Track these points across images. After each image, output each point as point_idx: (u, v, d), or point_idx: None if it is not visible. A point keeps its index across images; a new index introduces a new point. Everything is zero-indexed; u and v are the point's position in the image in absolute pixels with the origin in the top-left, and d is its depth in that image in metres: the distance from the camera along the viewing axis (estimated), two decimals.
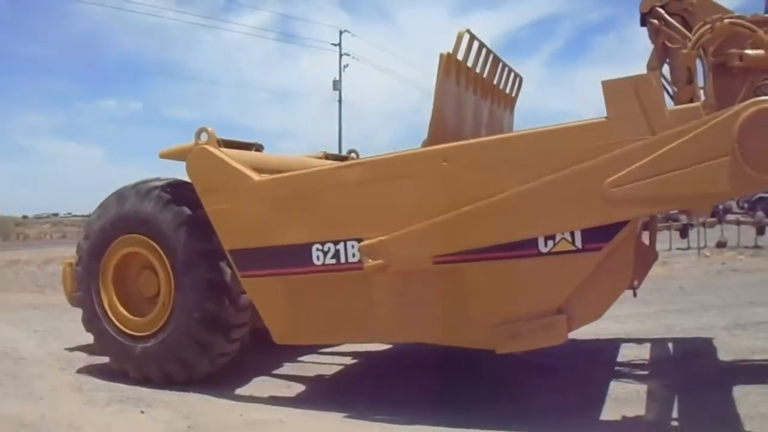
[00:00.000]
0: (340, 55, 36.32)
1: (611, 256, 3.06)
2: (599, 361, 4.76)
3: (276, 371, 4.67)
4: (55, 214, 65.98)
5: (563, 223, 3.07)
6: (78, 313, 4.34)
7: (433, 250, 3.28)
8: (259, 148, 4.40)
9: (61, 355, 5.30)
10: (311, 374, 4.62)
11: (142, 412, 3.71)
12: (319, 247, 3.52)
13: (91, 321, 4.40)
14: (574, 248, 3.06)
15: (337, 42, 36.24)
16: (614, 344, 5.15)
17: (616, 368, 4.49)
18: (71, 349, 5.52)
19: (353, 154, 5.65)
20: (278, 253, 3.63)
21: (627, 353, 4.89)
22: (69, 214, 66.41)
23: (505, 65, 4.57)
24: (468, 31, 3.73)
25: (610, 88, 3.00)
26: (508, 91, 4.84)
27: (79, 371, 4.71)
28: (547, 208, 3.06)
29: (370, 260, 3.35)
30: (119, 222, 4.26)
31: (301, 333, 3.72)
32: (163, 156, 4.23)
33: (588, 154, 2.99)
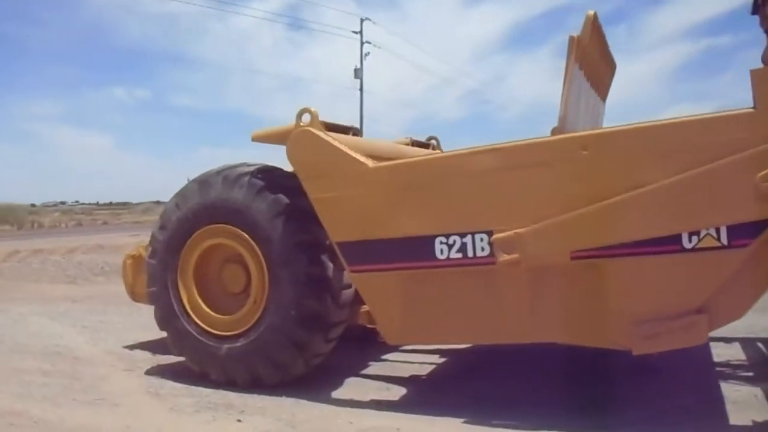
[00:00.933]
0: (362, 43, 34.64)
1: (757, 253, 2.87)
2: (697, 361, 4.46)
3: (366, 371, 4.34)
4: (63, 203, 65.51)
5: (709, 218, 2.88)
6: (125, 307, 4.05)
7: (572, 245, 3.05)
8: (356, 132, 4.02)
9: (121, 354, 4.95)
10: (405, 374, 4.28)
11: (239, 420, 3.35)
12: (443, 240, 3.22)
13: (167, 319, 4.03)
14: (719, 245, 2.88)
15: (358, 30, 35.33)
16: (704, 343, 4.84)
17: (718, 369, 4.24)
18: (130, 347, 5.16)
19: (434, 141, 5.27)
20: (395, 246, 3.31)
21: (720, 353, 4.63)
22: (76, 202, 66.14)
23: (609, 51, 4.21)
24: (595, 14, 3.40)
25: (760, 77, 2.82)
26: (607, 80, 4.49)
27: (149, 372, 4.35)
28: (693, 202, 2.88)
29: (505, 254, 3.07)
30: (203, 211, 3.88)
31: (416, 332, 3.39)
32: (257, 139, 3.86)
33: (736, 146, 2.81)
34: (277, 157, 3.73)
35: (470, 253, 3.17)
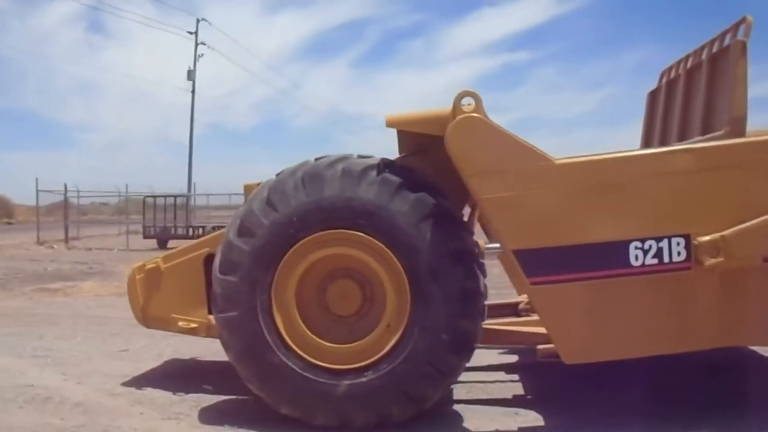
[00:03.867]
0: (196, 44, 33.94)
1: None
2: (754, 359, 4.51)
3: (457, 396, 3.78)
4: None
5: None
6: (50, 328, 3.11)
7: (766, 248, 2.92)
8: None
9: (132, 395, 3.84)
10: (499, 395, 3.86)
11: None
12: (639, 245, 2.91)
13: (252, 352, 3.12)
14: None
15: (193, 30, 34.00)
16: None
17: None
18: (133, 385, 4.02)
19: None
20: (584, 253, 2.90)
21: None
22: None
23: None
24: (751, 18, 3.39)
25: None
26: None
27: (206, 420, 3.37)
28: None
29: (710, 258, 2.88)
30: (315, 213, 3.07)
31: (602, 348, 3.02)
32: (394, 124, 3.15)
33: None
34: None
35: (666, 259, 2.91)
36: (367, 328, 3.13)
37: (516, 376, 4.32)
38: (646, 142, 4.73)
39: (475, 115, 2.95)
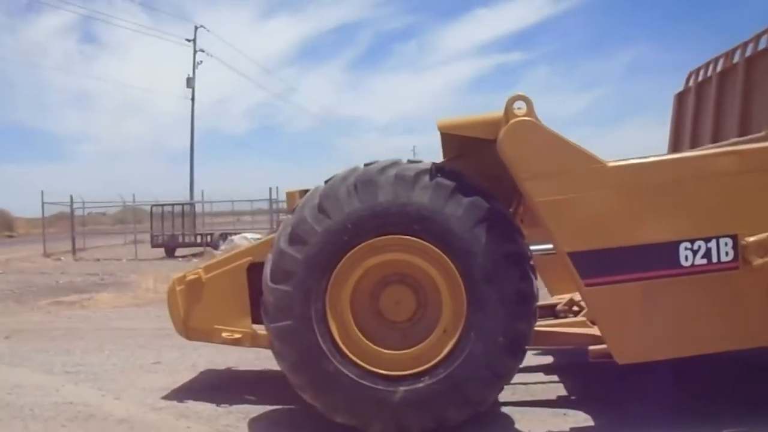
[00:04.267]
0: (195, 52, 34.13)
1: None
2: None
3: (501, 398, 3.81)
4: None
5: None
6: (73, 342, 3.10)
7: None
8: None
9: (176, 409, 3.84)
10: (544, 397, 3.90)
11: None
12: (688, 245, 2.95)
13: (308, 361, 3.12)
14: None
15: (191, 38, 34.11)
16: None
17: None
18: (174, 398, 4.01)
19: None
20: (637, 254, 2.94)
21: None
22: None
23: None
24: None
25: None
26: None
27: None
28: None
29: (757, 258, 2.93)
30: (369, 220, 3.08)
31: (654, 348, 3.04)
32: (447, 128, 3.18)
33: None
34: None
35: (714, 259, 2.95)
36: (422, 334, 3.14)
37: (555, 377, 4.34)
38: (676, 144, 4.76)
39: (528, 118, 2.97)
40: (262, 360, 4.78)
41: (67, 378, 4.62)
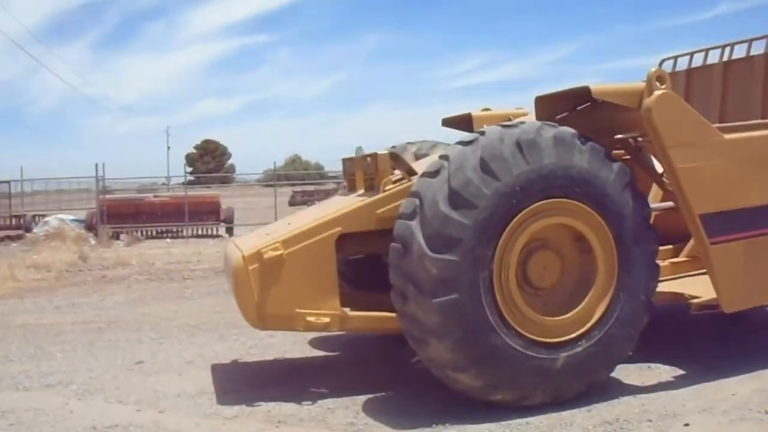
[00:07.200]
0: None
1: None
2: None
3: None
4: None
5: None
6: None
7: None
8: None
9: (253, 415, 3.09)
10: None
11: None
12: None
13: (476, 337, 2.87)
14: None
15: None
16: None
17: None
18: (236, 401, 3.28)
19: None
20: (747, 215, 3.38)
21: None
22: None
23: None
24: None
25: None
26: None
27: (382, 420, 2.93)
28: None
29: None
30: (536, 183, 2.95)
31: (754, 296, 3.50)
32: (601, 94, 3.19)
33: None
34: None
35: None
36: (568, 299, 3.14)
37: None
38: None
39: (671, 92, 3.20)
40: (247, 348, 4.43)
41: (53, 392, 3.42)
